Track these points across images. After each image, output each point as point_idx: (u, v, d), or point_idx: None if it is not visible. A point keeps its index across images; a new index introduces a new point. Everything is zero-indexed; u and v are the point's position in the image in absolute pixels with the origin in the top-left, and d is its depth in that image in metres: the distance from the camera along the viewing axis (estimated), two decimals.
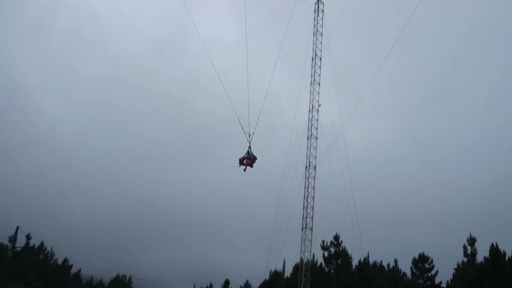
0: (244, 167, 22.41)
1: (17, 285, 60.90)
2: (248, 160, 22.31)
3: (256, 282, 64.05)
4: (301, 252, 45.16)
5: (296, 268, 50.01)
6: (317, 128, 47.12)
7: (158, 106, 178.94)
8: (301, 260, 45.38)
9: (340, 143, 50.64)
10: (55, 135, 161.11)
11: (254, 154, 22.41)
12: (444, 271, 51.10)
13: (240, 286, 67.66)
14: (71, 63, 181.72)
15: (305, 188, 45.97)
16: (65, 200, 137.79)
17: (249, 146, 22.38)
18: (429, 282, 51.02)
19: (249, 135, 22.19)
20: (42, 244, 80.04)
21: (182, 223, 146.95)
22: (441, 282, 50.84)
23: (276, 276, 56.52)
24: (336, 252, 50.54)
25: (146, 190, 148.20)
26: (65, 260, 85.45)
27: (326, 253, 51.09)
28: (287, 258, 57.31)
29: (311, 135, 46.95)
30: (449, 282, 48.51)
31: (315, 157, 46.33)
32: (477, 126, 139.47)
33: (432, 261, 51.57)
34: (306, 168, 46.37)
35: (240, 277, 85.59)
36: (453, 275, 47.57)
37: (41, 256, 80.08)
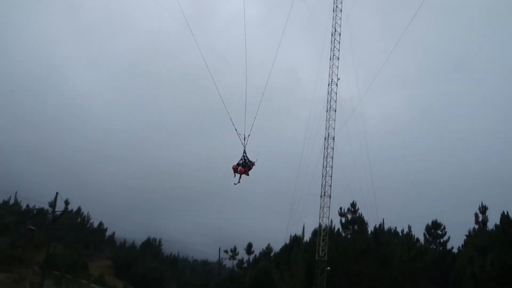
0: (238, 177, 17.56)
1: (57, 246, 65.10)
2: (242, 168, 17.53)
3: (277, 245, 66.16)
4: (319, 218, 47.65)
5: (315, 233, 51.91)
6: (335, 101, 48.78)
7: (186, 79, 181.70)
8: (320, 225, 47.84)
9: (358, 115, 52.17)
10: (88, 108, 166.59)
11: (250, 159, 17.82)
12: (456, 238, 52.67)
13: (262, 249, 69.60)
14: (102, 38, 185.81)
15: (324, 157, 48.04)
16: (100, 169, 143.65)
17: (244, 150, 17.81)
18: (441, 248, 52.70)
19: (244, 138, 17.60)
20: (79, 209, 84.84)
21: (208, 189, 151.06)
22: (452, 248, 52.57)
23: (296, 240, 58.63)
24: (353, 218, 52.31)
25: (174, 158, 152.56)
26: (100, 224, 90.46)
27: (343, 219, 52.97)
28: (307, 224, 59.52)
29: (330, 107, 48.69)
30: (461, 248, 50.12)
31: (334, 129, 48.23)
32: (494, 100, 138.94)
33: (444, 228, 53.26)
34: (325, 139, 48.30)
35: (262, 241, 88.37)
36: (464, 241, 49.15)
37: (79, 220, 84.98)
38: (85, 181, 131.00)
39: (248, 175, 17.68)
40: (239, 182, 17.42)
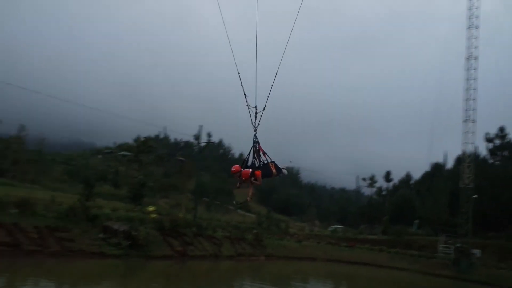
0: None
1: (205, 175, 71.07)
2: (248, 170, 9.16)
3: (415, 173, 65.01)
4: (462, 144, 45.20)
5: (458, 160, 49.73)
6: (477, 17, 44.44)
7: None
8: (464, 152, 45.39)
9: (505, 31, 46.53)
10: (224, 48, 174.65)
11: (270, 158, 9.45)
12: None
13: (401, 177, 68.93)
14: None
15: (466, 79, 44.92)
16: (236, 102, 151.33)
17: (255, 136, 9.39)
18: None
19: (256, 112, 9.34)
20: (220, 141, 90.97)
21: (345, 118, 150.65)
22: None
23: (437, 167, 56.76)
24: (502, 144, 48.25)
25: (311, 89, 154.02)
26: (241, 154, 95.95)
27: (490, 145, 49.25)
28: (448, 151, 57.23)
29: (471, 24, 44.51)
30: None
31: (476, 48, 44.29)
32: None
33: None
34: (466, 59, 44.80)
35: (401, 169, 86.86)
36: None
37: (221, 151, 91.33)
38: (225, 114, 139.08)
39: (260, 183, 9.23)
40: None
